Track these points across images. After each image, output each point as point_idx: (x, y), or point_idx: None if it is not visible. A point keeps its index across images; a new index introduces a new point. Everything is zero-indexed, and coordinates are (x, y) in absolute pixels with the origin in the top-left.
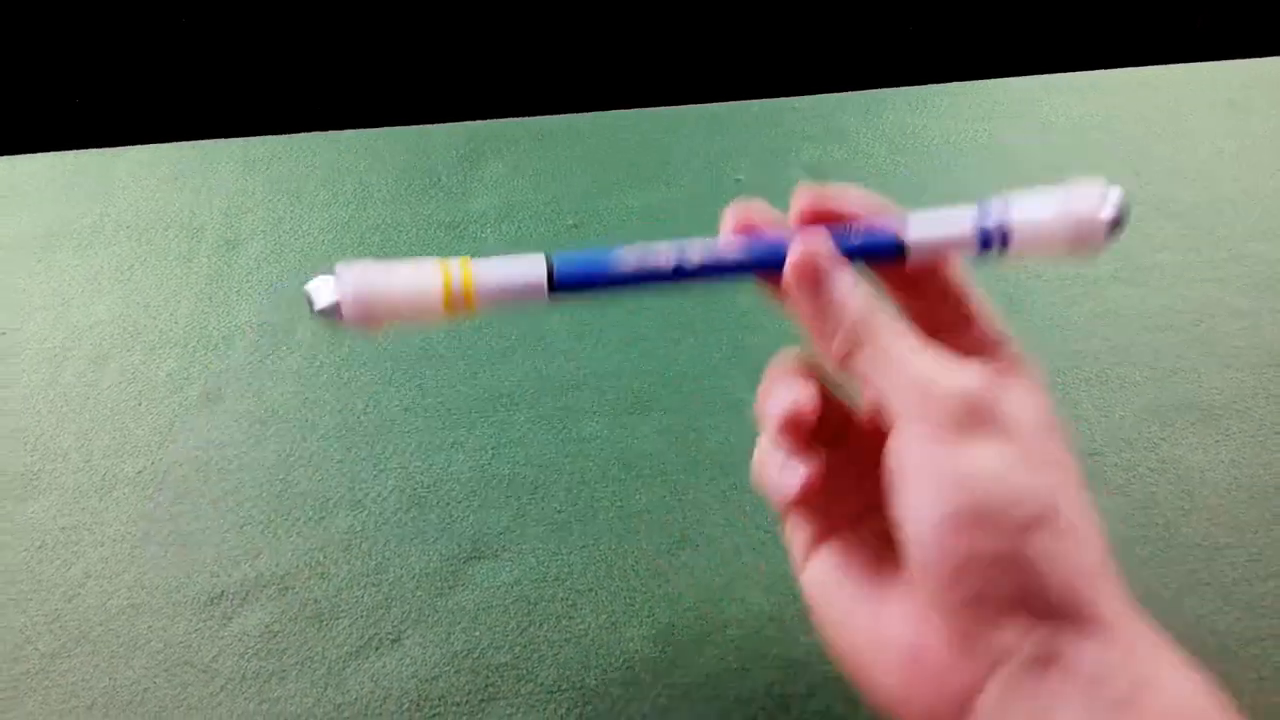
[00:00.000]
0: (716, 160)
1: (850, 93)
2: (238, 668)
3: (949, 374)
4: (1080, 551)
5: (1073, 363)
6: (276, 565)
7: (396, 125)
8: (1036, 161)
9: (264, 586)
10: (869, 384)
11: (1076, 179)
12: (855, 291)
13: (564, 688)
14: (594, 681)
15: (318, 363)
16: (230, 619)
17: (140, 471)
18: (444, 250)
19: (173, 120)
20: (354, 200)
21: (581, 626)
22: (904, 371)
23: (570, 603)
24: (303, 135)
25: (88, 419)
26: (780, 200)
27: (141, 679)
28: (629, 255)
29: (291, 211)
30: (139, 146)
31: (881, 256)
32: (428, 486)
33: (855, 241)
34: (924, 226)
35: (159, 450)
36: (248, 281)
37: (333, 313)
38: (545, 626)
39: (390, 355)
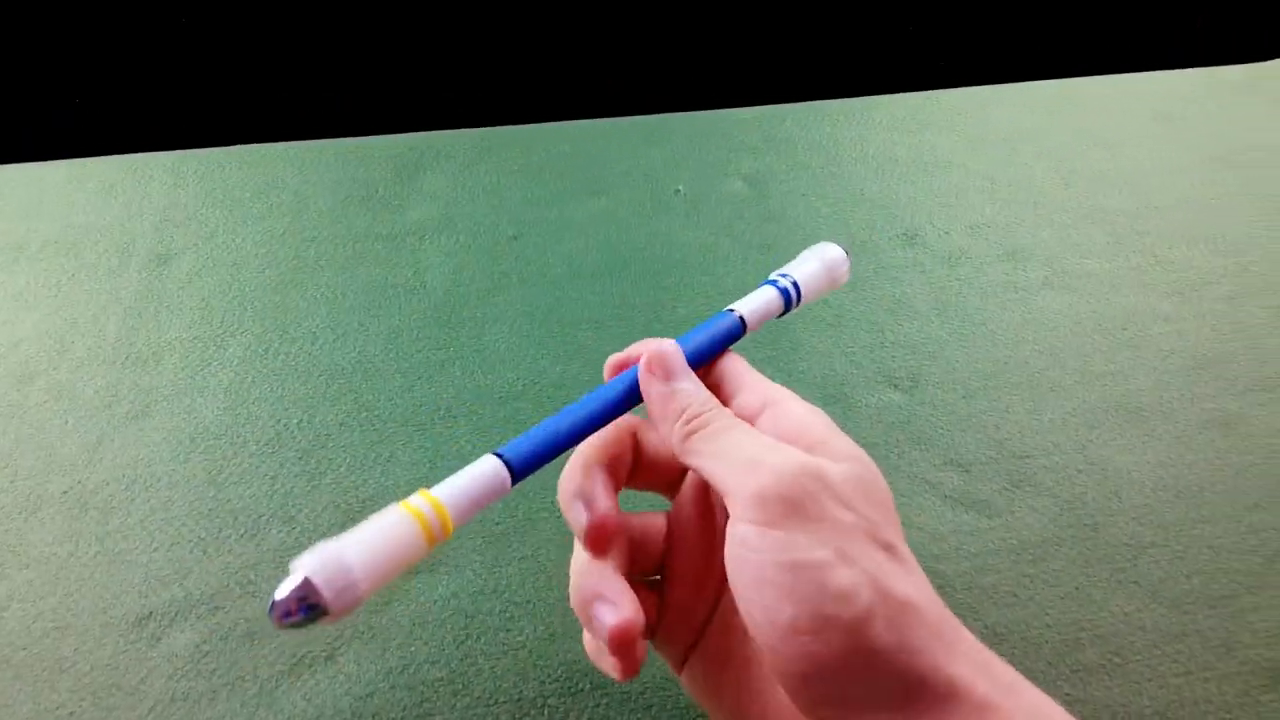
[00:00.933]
0: (657, 171)
1: (790, 104)
2: (167, 689)
3: (773, 454)
4: (919, 626)
5: (1002, 368)
6: (207, 584)
7: (333, 137)
8: (968, 171)
9: (194, 606)
10: (704, 465)
11: (819, 244)
12: (695, 382)
13: (501, 700)
14: (532, 693)
15: (249, 378)
16: (159, 639)
17: (67, 491)
18: (381, 262)
19: (102, 133)
20: (289, 212)
21: (520, 639)
22: (735, 453)
23: (509, 615)
24: (236, 148)
25: (12, 438)
26: (718, 209)
27: (67, 702)
28: (564, 422)
29: (224, 225)
30: (67, 161)
31: (728, 337)
32: (363, 501)
33: (704, 335)
34: (749, 305)
35: (86, 469)
36: (178, 297)
37: (304, 602)
38: (483, 640)
39: (324, 369)
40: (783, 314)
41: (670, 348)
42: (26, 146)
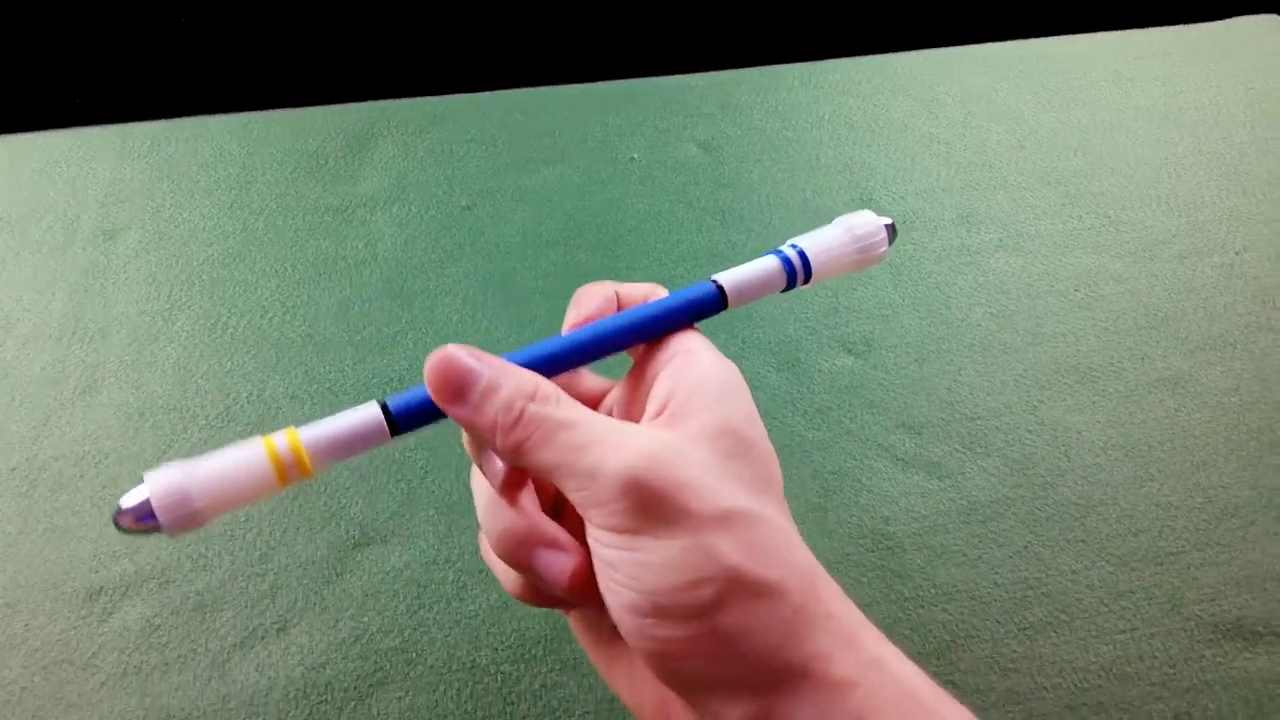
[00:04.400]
0: (611, 138)
1: (744, 69)
2: (118, 663)
3: (614, 455)
4: (776, 608)
5: (955, 331)
6: (157, 559)
7: (280, 108)
8: (923, 134)
9: (145, 580)
10: (543, 473)
11: (850, 214)
12: (495, 378)
13: (454, 668)
14: (485, 660)
15: (198, 353)
16: (110, 614)
17: (15, 468)
18: (331, 234)
19: (46, 108)
20: (236, 185)
21: (472, 607)
22: (572, 465)
23: (460, 584)
24: (182, 120)
25: None
26: (673, 176)
27: (19, 678)
28: None
29: (171, 198)
30: (9, 136)
31: (692, 308)
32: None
33: (677, 302)
34: (733, 274)
35: (34, 445)
36: (125, 271)
37: (145, 517)
38: (435, 609)
39: (273, 342)
40: (788, 287)
41: (444, 358)
42: None
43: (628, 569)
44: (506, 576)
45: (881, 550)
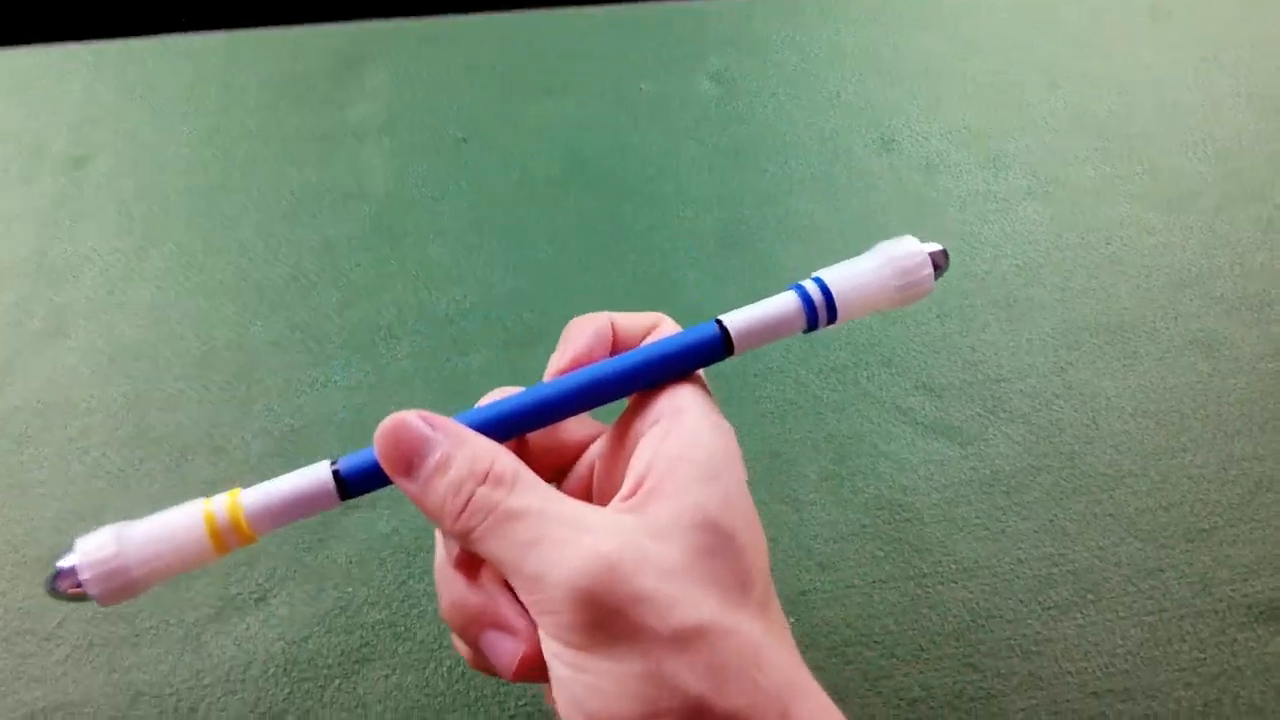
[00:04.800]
0: (619, 68)
1: None
2: (85, 634)
3: (565, 558)
4: None
5: (980, 284)
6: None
7: (264, 26)
8: (949, 71)
9: None
10: (495, 565)
11: (891, 240)
12: (449, 449)
13: (445, 644)
14: None
15: (173, 293)
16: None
17: None
18: (316, 165)
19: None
20: (217, 109)
21: None
22: (519, 563)
23: None
24: (159, 38)
25: None
26: (683, 111)
27: None
28: None
29: (147, 123)
30: None
31: (705, 358)
32: (297, 430)
33: (672, 349)
34: (738, 315)
35: None
36: (96, 202)
37: (77, 589)
38: (425, 580)
39: (255, 284)
40: (809, 328)
41: (396, 425)
42: None
43: (577, 690)
44: (458, 643)
45: (899, 522)
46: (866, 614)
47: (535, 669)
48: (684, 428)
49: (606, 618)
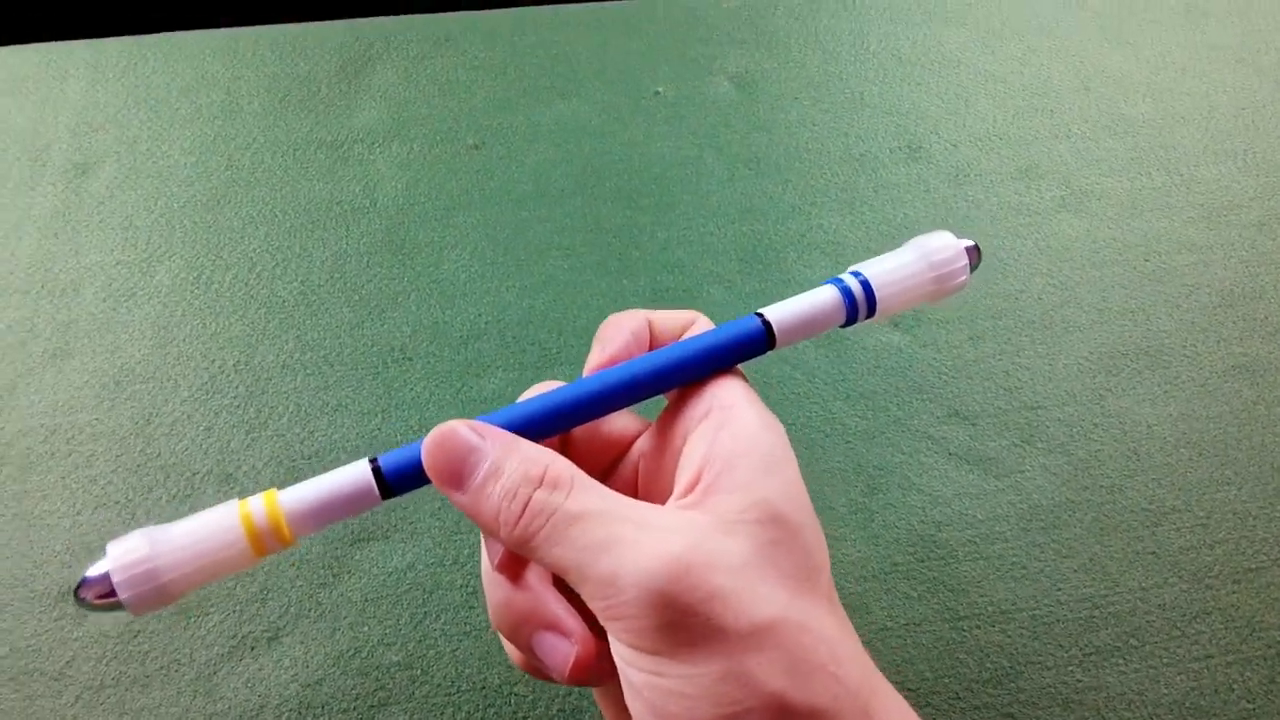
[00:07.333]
0: (634, 68)
1: None
2: (94, 674)
3: (636, 559)
4: None
5: (1014, 304)
6: None
7: (269, 23)
8: (979, 71)
9: None
10: (557, 569)
11: (925, 234)
12: (498, 456)
13: (463, 688)
14: (497, 680)
15: (180, 311)
16: (85, 618)
17: None
18: (325, 175)
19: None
20: (220, 114)
21: (482, 618)
22: (587, 568)
23: (469, 590)
24: (161, 36)
25: None
26: (701, 115)
27: None
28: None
29: (149, 129)
30: None
31: (747, 351)
32: (307, 456)
33: (715, 342)
34: (781, 308)
35: (0, 417)
36: (99, 214)
37: (108, 598)
38: (442, 619)
39: (263, 301)
40: (848, 322)
41: (445, 434)
42: None
43: (654, 696)
44: (509, 647)
45: (933, 561)
46: (901, 659)
47: (589, 671)
48: (737, 421)
49: (683, 619)
